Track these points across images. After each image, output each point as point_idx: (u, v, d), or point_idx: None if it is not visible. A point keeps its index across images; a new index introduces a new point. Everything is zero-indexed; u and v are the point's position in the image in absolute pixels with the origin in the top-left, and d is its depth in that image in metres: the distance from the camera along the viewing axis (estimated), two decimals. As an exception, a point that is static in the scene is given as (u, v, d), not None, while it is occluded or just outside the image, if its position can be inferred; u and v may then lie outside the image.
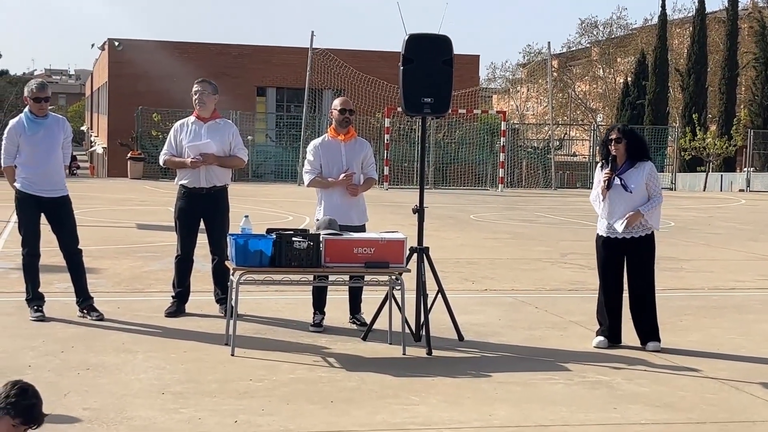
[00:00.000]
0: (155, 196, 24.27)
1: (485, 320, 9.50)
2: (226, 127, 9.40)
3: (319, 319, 8.86)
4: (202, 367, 7.36)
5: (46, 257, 9.44)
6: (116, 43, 43.10)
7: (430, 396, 6.78)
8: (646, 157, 8.49)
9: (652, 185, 8.38)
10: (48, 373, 6.97)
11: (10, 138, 9.03)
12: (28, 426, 4.47)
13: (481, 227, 19.27)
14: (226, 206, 9.36)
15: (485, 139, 37.69)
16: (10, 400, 4.38)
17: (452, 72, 8.38)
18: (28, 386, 4.51)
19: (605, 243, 8.41)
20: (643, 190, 8.32)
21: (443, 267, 10.95)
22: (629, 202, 8.28)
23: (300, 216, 19.14)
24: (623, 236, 8.32)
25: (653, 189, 8.38)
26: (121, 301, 9.85)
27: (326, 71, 36.52)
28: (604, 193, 8.34)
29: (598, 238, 8.51)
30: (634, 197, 8.28)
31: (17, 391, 4.42)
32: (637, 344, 8.42)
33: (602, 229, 8.46)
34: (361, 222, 9.00)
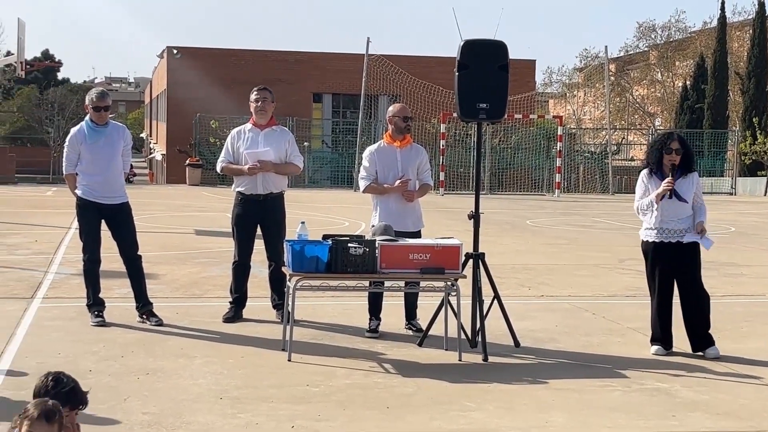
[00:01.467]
0: (213, 203, 24.50)
1: (542, 326, 9.45)
2: (283, 135, 9.47)
3: (375, 325, 8.89)
4: (259, 373, 7.41)
5: (107, 263, 9.57)
6: (174, 51, 43.59)
7: (486, 402, 6.76)
8: (694, 166, 8.47)
9: (699, 194, 8.38)
10: (108, 378, 7.07)
11: (72, 146, 9.18)
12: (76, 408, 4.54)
13: (537, 233, 19.18)
14: (283, 212, 9.42)
15: (541, 144, 37.49)
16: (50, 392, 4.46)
17: (508, 77, 8.36)
18: (58, 374, 4.60)
19: (657, 249, 8.32)
20: (692, 199, 8.29)
21: (499, 273, 10.92)
22: (681, 211, 8.23)
23: (356, 222, 19.20)
24: (677, 241, 8.24)
25: (699, 198, 8.37)
26: (179, 307, 9.96)
27: (382, 77, 36.62)
28: (658, 202, 8.25)
29: (647, 245, 8.41)
30: (686, 206, 8.24)
31: (52, 382, 4.51)
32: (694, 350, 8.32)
33: (652, 235, 8.35)
34: (417, 228, 9.01)
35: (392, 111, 9.11)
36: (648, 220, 8.38)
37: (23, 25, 20.08)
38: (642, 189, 8.44)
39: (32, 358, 7.64)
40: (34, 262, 12.98)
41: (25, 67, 21.57)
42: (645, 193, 8.38)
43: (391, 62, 36.54)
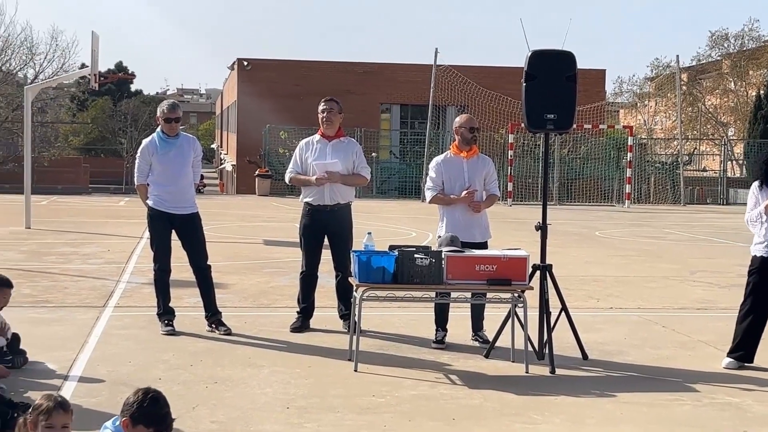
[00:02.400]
0: (282, 213, 24.70)
1: (610, 339, 9.35)
2: (350, 146, 9.51)
3: (441, 336, 8.87)
4: (325, 382, 7.45)
5: (177, 272, 9.70)
6: (245, 63, 44.06)
7: (553, 415, 6.71)
8: None
9: None
10: (177, 386, 7.16)
11: (143, 157, 9.33)
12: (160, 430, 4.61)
13: (606, 244, 18.99)
14: (350, 223, 9.46)
15: (611, 154, 37.12)
16: (144, 409, 4.52)
17: (576, 88, 8.31)
18: (159, 395, 4.65)
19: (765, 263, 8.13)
20: None
21: (567, 284, 10.84)
22: None
23: (423, 232, 19.20)
24: None
25: None
26: (247, 316, 10.06)
27: (450, 87, 36.60)
28: (767, 213, 8.06)
29: (755, 260, 8.21)
30: None
31: (150, 401, 4.56)
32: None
33: (760, 249, 8.15)
34: (484, 239, 8.98)
35: (459, 122, 9.11)
36: (758, 232, 8.19)
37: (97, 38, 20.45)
38: (753, 201, 8.24)
39: (103, 366, 7.78)
40: (107, 271, 13.21)
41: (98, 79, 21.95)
42: (755, 205, 8.21)
43: (459, 72, 36.51)
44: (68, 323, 9.52)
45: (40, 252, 15.20)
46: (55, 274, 12.86)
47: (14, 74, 47.51)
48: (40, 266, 13.55)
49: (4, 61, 46.36)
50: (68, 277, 12.53)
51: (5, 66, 46.52)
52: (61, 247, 16.03)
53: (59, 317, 9.80)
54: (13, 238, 17.27)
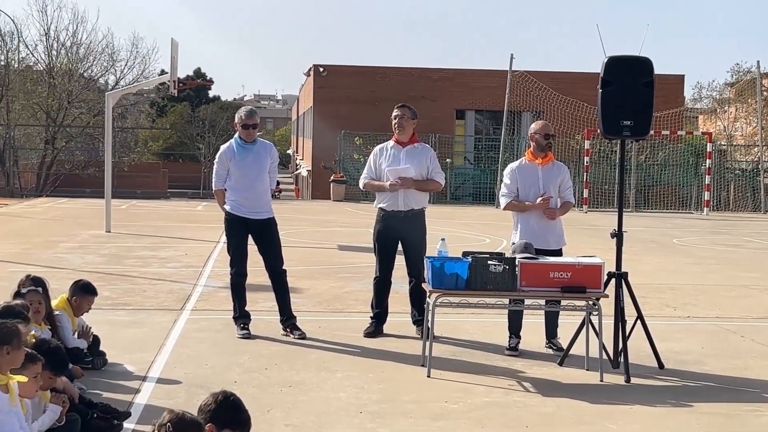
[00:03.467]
0: (356, 218, 24.82)
1: (687, 348, 9.23)
2: (424, 151, 9.53)
3: (514, 343, 8.85)
4: (398, 388, 7.48)
5: (253, 277, 9.82)
6: (321, 69, 44.36)
7: (627, 424, 6.65)
8: None
9: None
10: (252, 389, 7.25)
11: (221, 162, 9.47)
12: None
13: (684, 252, 18.71)
14: (424, 229, 9.47)
15: (690, 160, 36.54)
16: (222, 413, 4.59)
17: (653, 94, 8.22)
18: (239, 400, 4.72)
19: None
20: None
21: (643, 292, 10.71)
22: None
23: (497, 239, 19.14)
24: None
25: None
26: (322, 321, 10.14)
27: (525, 93, 36.39)
28: None
29: None
30: None
31: (229, 404, 4.63)
32: None
33: None
34: (558, 246, 8.94)
35: (534, 128, 9.08)
36: None
37: (176, 44, 20.80)
38: None
39: (181, 368, 7.91)
40: (184, 274, 13.41)
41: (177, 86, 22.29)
42: None
43: (535, 78, 36.28)
44: (146, 326, 9.70)
45: (119, 255, 15.49)
46: (134, 277, 13.10)
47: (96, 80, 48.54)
48: (120, 269, 13.82)
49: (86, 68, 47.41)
50: (147, 281, 12.76)
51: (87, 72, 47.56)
52: (140, 250, 16.33)
53: (138, 320, 9.99)
54: (93, 241, 17.63)
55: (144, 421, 6.41)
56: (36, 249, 15.92)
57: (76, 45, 46.09)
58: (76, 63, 46.32)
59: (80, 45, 46.29)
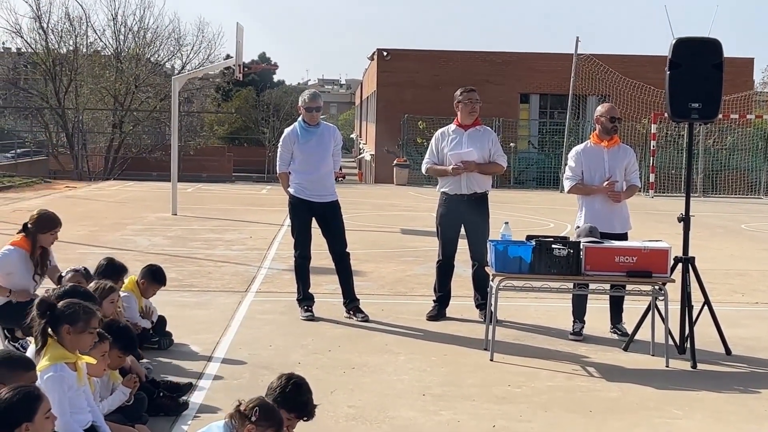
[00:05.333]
0: (419, 202, 24.79)
1: (755, 334, 9.08)
2: (486, 134, 9.49)
3: (578, 328, 8.78)
4: (461, 371, 7.47)
5: (317, 260, 9.87)
6: (385, 53, 44.33)
7: (693, 411, 6.58)
8: None
9: None
10: (316, 371, 7.30)
11: (285, 145, 9.52)
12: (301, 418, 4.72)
13: (753, 237, 18.39)
14: (487, 212, 9.44)
15: (759, 145, 35.87)
16: (287, 395, 4.65)
17: (722, 76, 8.08)
18: (302, 381, 4.77)
19: None
20: None
21: (711, 278, 10.56)
22: None
23: (561, 223, 18.99)
24: None
25: None
26: (384, 304, 10.16)
27: (590, 77, 36.02)
28: None
29: None
30: None
31: (292, 386, 4.70)
32: None
33: None
34: (624, 230, 8.84)
35: (600, 111, 8.99)
36: None
37: (241, 29, 20.91)
38: None
39: (245, 349, 7.99)
40: (249, 257, 13.53)
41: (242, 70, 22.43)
42: None
43: (601, 61, 35.87)
44: (212, 307, 9.81)
45: (185, 238, 15.67)
46: (200, 259, 13.25)
47: (162, 65, 49.06)
48: (186, 251, 13.98)
49: (152, 53, 47.92)
50: (212, 263, 12.89)
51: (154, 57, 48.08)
52: (205, 233, 16.50)
53: (203, 301, 10.11)
54: (160, 224, 17.85)
55: (209, 400, 6.49)
56: (104, 231, 16.17)
57: (143, 30, 46.63)
58: (143, 48, 46.86)
59: (147, 30, 46.83)
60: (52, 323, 5.23)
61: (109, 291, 6.80)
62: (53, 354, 5.17)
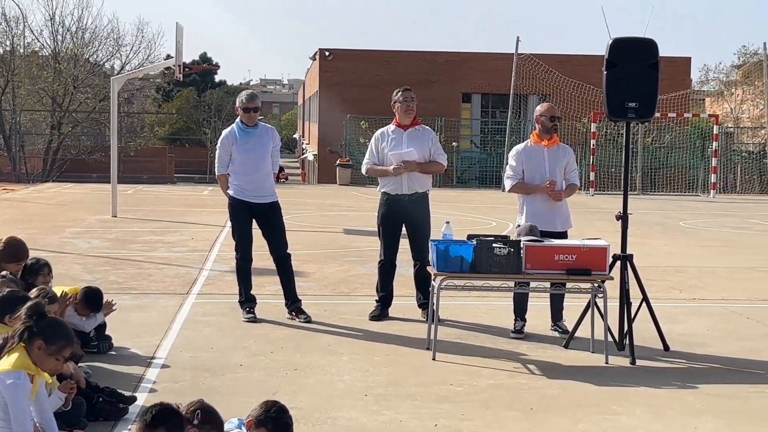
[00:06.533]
0: (362, 202, 24.80)
1: (693, 330, 9.22)
2: (426, 134, 9.52)
3: (520, 326, 8.85)
4: (404, 371, 7.49)
5: (258, 261, 9.83)
6: (326, 53, 44.29)
7: (633, 406, 6.65)
8: None
9: None
10: (258, 373, 7.27)
11: (223, 147, 9.47)
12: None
13: (690, 234, 18.68)
14: (428, 212, 9.47)
15: (696, 143, 36.45)
16: (270, 415, 4.68)
17: (658, 75, 8.19)
18: (287, 408, 4.80)
19: None
20: None
21: (649, 275, 10.70)
22: None
23: (503, 222, 19.12)
24: None
25: None
26: (327, 304, 10.14)
27: (531, 76, 36.31)
28: None
29: None
30: None
31: (278, 409, 4.73)
32: None
33: None
34: (564, 228, 8.92)
35: (539, 110, 9.06)
36: None
37: (181, 29, 20.73)
38: None
39: (186, 351, 7.93)
40: (190, 259, 13.43)
41: (183, 70, 22.25)
42: None
43: (541, 61, 36.18)
44: (152, 310, 9.72)
45: (125, 240, 15.51)
46: (140, 261, 13.12)
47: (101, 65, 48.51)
48: (126, 254, 13.84)
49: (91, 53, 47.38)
50: (153, 265, 12.77)
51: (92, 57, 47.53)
52: (146, 235, 16.35)
53: (144, 304, 10.01)
54: (100, 226, 17.65)
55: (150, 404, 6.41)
56: (42, 234, 15.94)
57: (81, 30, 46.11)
58: (82, 48, 46.32)
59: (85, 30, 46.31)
60: (30, 330, 5.18)
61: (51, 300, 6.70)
62: (20, 361, 5.13)
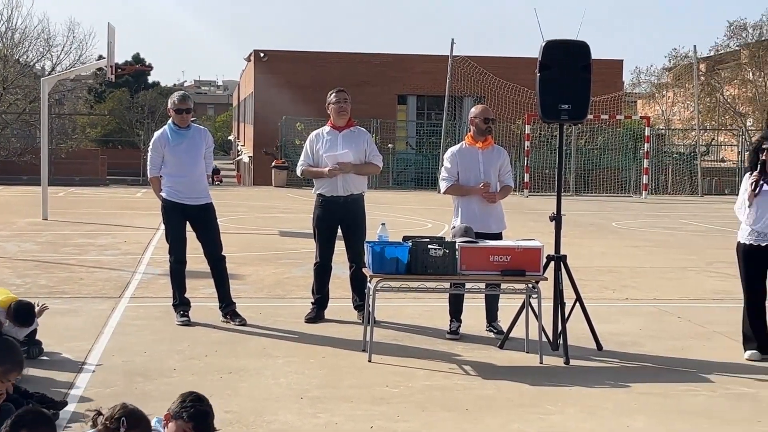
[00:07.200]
0: (298, 204, 24.72)
1: (625, 330, 9.33)
2: (361, 135, 9.52)
3: (455, 327, 8.87)
4: (339, 373, 7.46)
5: (193, 263, 9.73)
6: (261, 55, 44.08)
7: (567, 406, 6.70)
8: None
9: None
10: (192, 377, 7.19)
11: (156, 149, 9.36)
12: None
13: (623, 235, 18.93)
14: (363, 214, 9.46)
15: (629, 144, 36.97)
16: (185, 405, 4.56)
17: (590, 78, 8.28)
18: (204, 397, 4.69)
19: (749, 252, 8.13)
20: None
21: (582, 275, 10.81)
22: None
23: (439, 223, 19.19)
24: (767, 244, 8.03)
25: None
26: (263, 307, 10.08)
27: (467, 78, 36.52)
28: (751, 200, 8.06)
29: (739, 246, 8.24)
30: None
31: (193, 398, 4.61)
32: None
33: (745, 237, 8.17)
34: (499, 230, 8.97)
35: (474, 112, 9.10)
36: (742, 218, 8.18)
37: (113, 29, 20.47)
38: (742, 189, 8.26)
39: (119, 356, 7.82)
40: (123, 262, 13.26)
41: (115, 71, 21.98)
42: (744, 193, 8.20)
43: (476, 63, 36.41)
44: (84, 314, 9.57)
45: (57, 243, 15.27)
46: (72, 265, 12.91)
47: (31, 66, 47.66)
48: (57, 257, 13.61)
49: (21, 53, 46.51)
50: (84, 269, 12.59)
51: (22, 58, 46.66)
52: (77, 238, 16.10)
53: (75, 308, 9.85)
54: (30, 229, 17.35)
55: (81, 409, 6.32)
56: (-30, 237, 15.62)
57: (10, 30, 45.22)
58: (11, 48, 45.44)
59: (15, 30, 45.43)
60: None
61: None
62: None
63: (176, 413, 4.54)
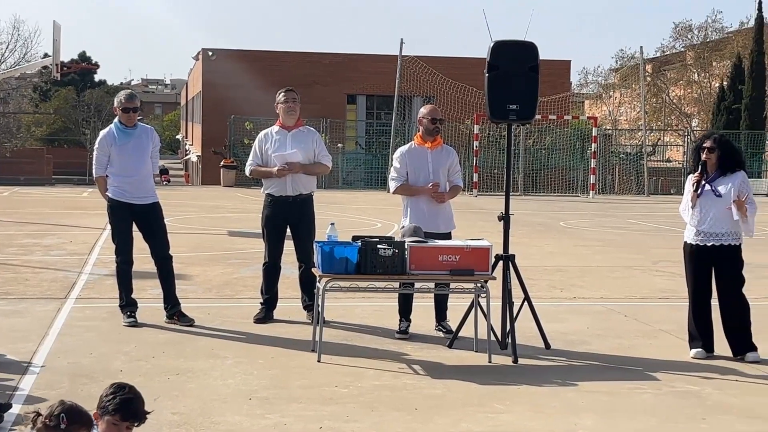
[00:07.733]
0: (246, 204, 24.61)
1: (573, 328, 9.40)
2: (310, 135, 9.50)
3: (404, 326, 8.88)
4: (288, 373, 7.43)
5: (140, 264, 9.64)
6: (210, 53, 43.81)
7: (515, 405, 6.74)
8: (740, 167, 8.29)
9: (745, 192, 8.15)
10: (139, 378, 7.11)
11: (102, 148, 9.26)
12: (128, 422, 4.53)
13: (570, 234, 19.09)
14: (312, 214, 9.44)
15: (576, 145, 37.31)
16: (107, 398, 4.47)
17: (538, 78, 8.34)
18: (125, 384, 4.60)
19: (694, 251, 8.24)
20: (733, 197, 8.10)
21: (531, 274, 10.88)
22: (720, 208, 8.09)
23: (389, 223, 19.21)
24: (712, 244, 8.14)
25: (748, 197, 8.14)
26: (211, 307, 10.01)
27: (416, 78, 36.61)
28: (694, 200, 8.16)
29: (686, 246, 8.34)
30: (725, 202, 8.08)
31: (114, 388, 4.52)
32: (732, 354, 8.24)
33: (691, 237, 8.28)
34: (448, 229, 8.99)
35: (422, 113, 9.12)
36: (687, 218, 8.28)
37: (58, 27, 20.23)
38: (686, 191, 8.36)
39: (64, 358, 7.72)
40: (69, 262, 13.10)
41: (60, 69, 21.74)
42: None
43: (425, 63, 36.50)
44: (29, 315, 9.43)
45: (1, 244, 15.05)
46: (16, 265, 12.73)
47: (-25, 64, 46.96)
48: (1, 258, 13.42)
49: (-36, 51, 45.81)
50: (29, 269, 12.42)
51: (-34, 56, 45.96)
52: (22, 238, 15.88)
53: (20, 309, 9.72)
54: (-27, 229, 17.08)
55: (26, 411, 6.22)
56: None
57: (-47, 27, 44.56)
58: (-46, 46, 44.75)
59: (-42, 27, 44.78)
60: None
61: None
62: None
63: (102, 410, 4.47)
